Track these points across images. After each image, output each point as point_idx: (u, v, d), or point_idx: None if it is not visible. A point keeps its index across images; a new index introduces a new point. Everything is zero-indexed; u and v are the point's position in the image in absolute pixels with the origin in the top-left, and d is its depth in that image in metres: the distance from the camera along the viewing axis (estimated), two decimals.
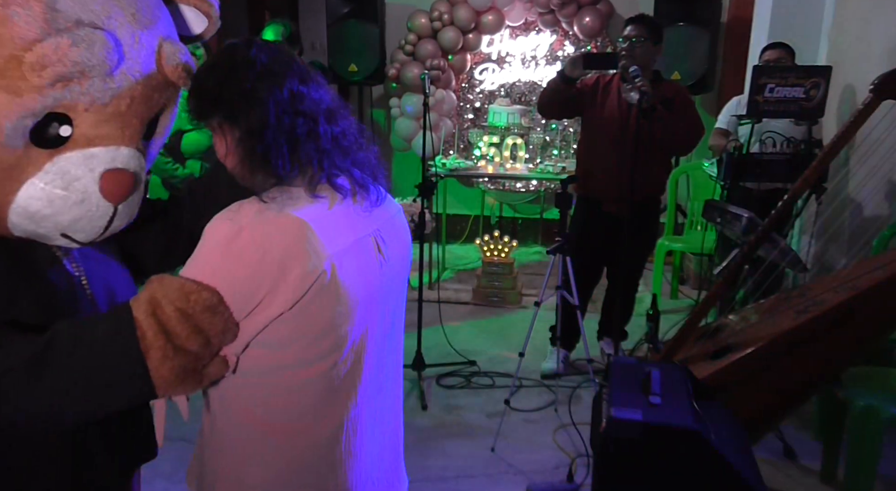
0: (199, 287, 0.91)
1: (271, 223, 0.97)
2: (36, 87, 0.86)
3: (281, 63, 1.02)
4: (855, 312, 2.03)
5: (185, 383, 0.93)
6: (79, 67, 0.87)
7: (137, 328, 0.89)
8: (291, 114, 0.99)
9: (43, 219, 0.93)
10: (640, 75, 2.73)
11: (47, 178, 0.91)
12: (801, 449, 2.66)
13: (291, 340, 1.01)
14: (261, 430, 1.06)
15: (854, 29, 3.42)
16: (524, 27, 5.27)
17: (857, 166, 2.79)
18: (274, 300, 0.96)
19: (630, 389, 1.61)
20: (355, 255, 1.05)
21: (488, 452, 2.71)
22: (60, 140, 0.92)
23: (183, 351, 0.90)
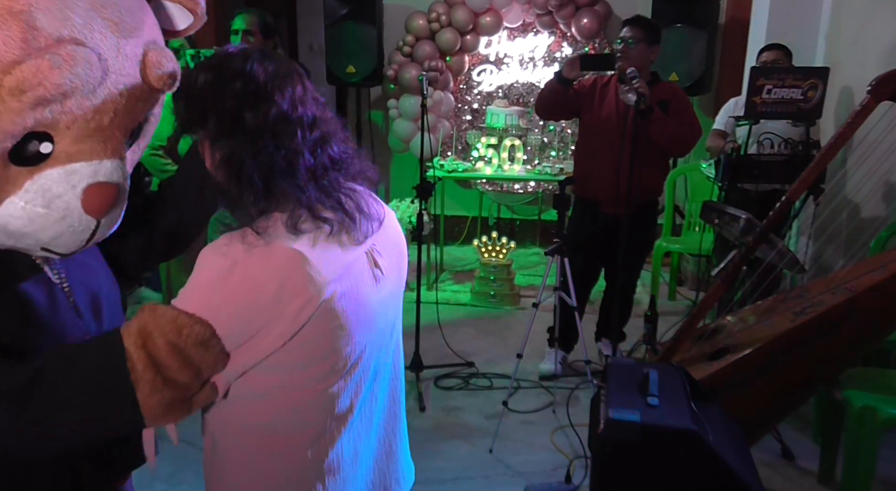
0: (192, 321, 0.90)
1: (265, 257, 0.94)
2: (13, 110, 0.82)
3: (276, 80, 0.98)
4: (853, 313, 2.03)
5: (174, 413, 0.92)
6: (60, 89, 0.83)
7: (128, 360, 0.87)
8: (272, 146, 0.96)
9: (23, 236, 0.91)
10: (637, 77, 2.74)
11: (27, 197, 0.88)
12: (798, 450, 2.66)
13: (291, 366, 1.00)
14: (258, 448, 1.05)
15: (851, 31, 3.42)
16: (522, 29, 5.27)
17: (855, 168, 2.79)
18: (271, 332, 0.95)
19: (628, 391, 1.61)
20: (353, 275, 1.03)
21: (486, 453, 2.71)
22: (41, 157, 0.88)
23: (173, 383, 0.89)
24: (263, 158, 0.95)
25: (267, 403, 1.03)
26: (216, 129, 0.97)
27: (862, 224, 3.06)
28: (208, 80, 0.98)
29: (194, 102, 0.98)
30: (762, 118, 2.94)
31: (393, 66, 5.12)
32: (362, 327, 1.05)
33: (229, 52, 1.00)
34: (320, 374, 1.02)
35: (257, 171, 0.95)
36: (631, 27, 3.04)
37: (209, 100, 0.97)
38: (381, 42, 5.20)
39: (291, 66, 1.02)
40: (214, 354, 0.92)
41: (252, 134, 0.95)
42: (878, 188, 2.94)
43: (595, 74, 3.36)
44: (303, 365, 1.01)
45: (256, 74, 0.96)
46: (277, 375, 1.00)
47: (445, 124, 5.30)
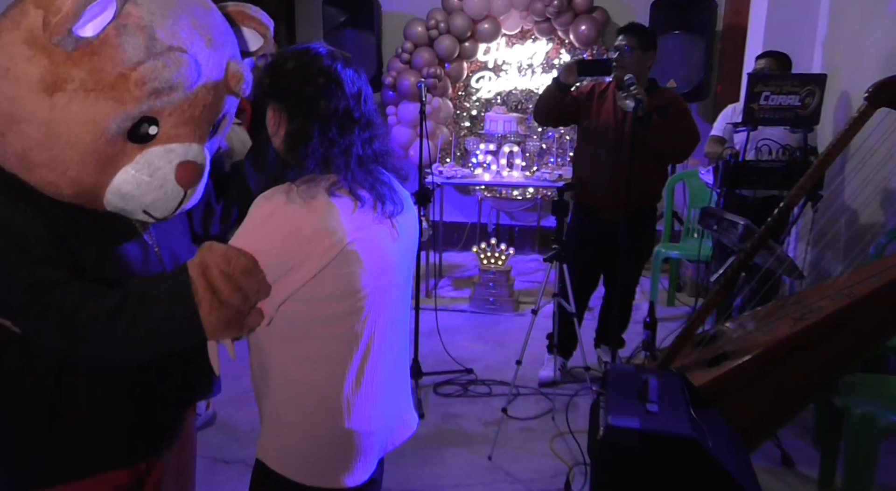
0: (239, 253, 1.14)
1: (303, 204, 1.17)
2: (136, 98, 1.11)
3: (348, 80, 1.23)
4: (852, 319, 2.03)
5: (229, 329, 1.16)
6: (169, 84, 1.12)
7: (191, 285, 1.12)
8: (337, 132, 1.21)
9: (131, 198, 1.19)
10: (634, 83, 2.74)
11: (137, 167, 1.17)
12: (798, 457, 2.66)
13: (319, 298, 1.22)
14: (294, 370, 1.27)
15: (848, 38, 3.44)
16: (520, 35, 5.29)
17: (853, 174, 2.80)
18: (303, 267, 1.18)
19: (627, 397, 1.61)
20: (375, 231, 1.25)
21: (485, 460, 2.70)
22: (148, 137, 1.17)
23: (226, 304, 1.13)
24: (327, 139, 1.20)
25: (300, 332, 1.25)
26: (293, 107, 1.21)
27: (860, 230, 3.06)
28: (298, 67, 1.22)
29: (280, 81, 1.22)
30: (760, 124, 2.94)
31: (391, 72, 5.13)
32: (381, 274, 1.27)
33: (321, 51, 1.24)
34: (342, 310, 1.24)
35: (320, 147, 1.20)
36: (625, 35, 3.06)
37: (295, 83, 1.21)
38: (379, 49, 5.22)
39: (363, 76, 1.29)
40: (258, 282, 1.15)
41: (322, 119, 1.20)
42: (875, 194, 2.95)
43: (593, 81, 3.36)
44: (327, 298, 1.22)
45: (338, 75, 1.22)
46: (307, 306, 1.22)
47: (444, 131, 5.31)
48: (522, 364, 2.87)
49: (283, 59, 1.24)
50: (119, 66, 1.09)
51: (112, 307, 1.11)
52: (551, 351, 3.32)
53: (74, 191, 1.17)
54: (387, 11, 5.33)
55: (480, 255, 4.32)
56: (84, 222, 1.20)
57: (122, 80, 1.09)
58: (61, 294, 1.11)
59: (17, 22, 1.08)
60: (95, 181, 1.16)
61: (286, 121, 1.23)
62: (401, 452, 1.40)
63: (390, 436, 1.39)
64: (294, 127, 1.22)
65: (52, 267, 1.13)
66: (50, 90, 1.08)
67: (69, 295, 1.11)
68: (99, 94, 1.09)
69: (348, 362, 1.27)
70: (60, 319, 1.10)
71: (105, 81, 1.09)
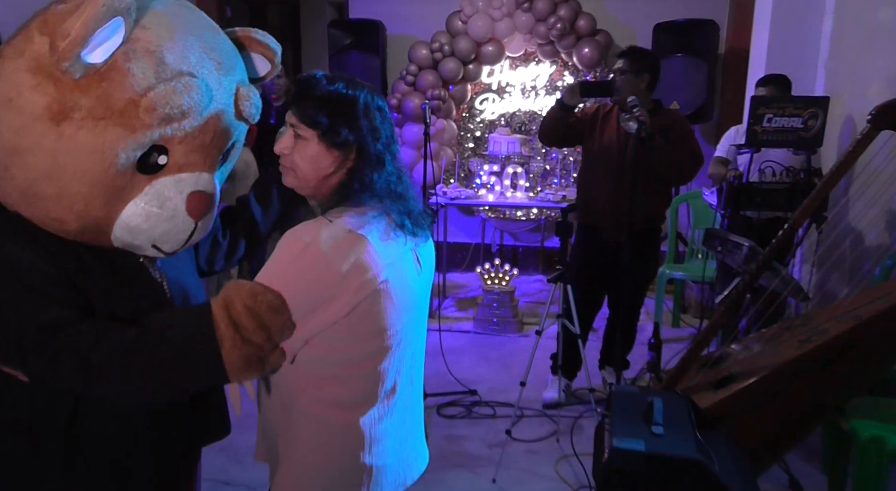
0: (266, 290, 1.09)
1: (335, 240, 1.14)
2: (146, 125, 1.06)
3: (388, 113, 1.26)
4: (858, 341, 2.02)
5: (251, 370, 1.10)
6: (180, 109, 1.07)
7: (214, 321, 1.07)
8: (384, 162, 1.22)
9: (140, 232, 1.14)
10: (637, 105, 2.76)
11: (146, 198, 1.12)
12: (806, 481, 2.62)
13: (347, 338, 1.18)
14: (317, 415, 1.23)
15: (851, 60, 3.46)
16: (524, 58, 5.34)
17: (857, 196, 2.80)
18: (332, 305, 1.14)
19: (632, 419, 1.60)
20: (403, 265, 1.24)
21: (490, 483, 2.67)
22: (158, 167, 1.12)
23: (249, 342, 1.07)
24: (372, 173, 1.21)
25: (326, 372, 1.22)
26: (360, 137, 1.20)
27: (865, 252, 3.05)
28: (357, 101, 1.20)
29: (339, 113, 1.19)
30: (763, 146, 2.95)
31: (396, 95, 5.18)
32: (407, 311, 1.25)
33: (366, 87, 1.24)
34: (371, 349, 1.21)
35: (372, 174, 1.21)
36: (621, 58, 3.09)
37: (355, 117, 1.19)
38: (384, 71, 5.27)
39: (391, 115, 1.30)
40: (283, 320, 1.10)
41: (374, 154, 1.21)
42: (880, 217, 2.94)
43: (598, 102, 3.38)
44: (357, 338, 1.19)
45: (382, 105, 1.24)
46: (336, 346, 1.19)
47: (448, 152, 5.34)
48: (527, 385, 2.85)
49: (338, 91, 1.20)
50: (129, 92, 1.05)
51: (129, 346, 1.06)
52: (555, 372, 3.31)
53: (81, 226, 1.12)
54: (391, 34, 5.39)
55: (484, 275, 4.31)
56: (90, 261, 1.15)
57: (131, 106, 1.05)
58: (75, 333, 1.06)
59: (20, 50, 1.04)
60: (103, 215, 1.12)
61: (338, 154, 1.20)
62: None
63: (408, 469, 1.37)
64: (364, 157, 1.20)
65: (64, 306, 1.08)
66: (57, 119, 1.03)
67: (83, 334, 1.06)
68: (108, 121, 1.05)
69: (373, 401, 1.25)
70: (76, 359, 1.05)
71: (114, 108, 1.05)
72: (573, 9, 4.86)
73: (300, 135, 1.21)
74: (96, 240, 1.15)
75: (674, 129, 3.03)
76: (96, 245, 1.16)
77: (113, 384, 1.07)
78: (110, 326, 1.09)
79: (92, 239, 1.15)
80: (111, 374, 1.06)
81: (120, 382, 1.07)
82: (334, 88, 1.20)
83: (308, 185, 1.24)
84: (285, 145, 1.23)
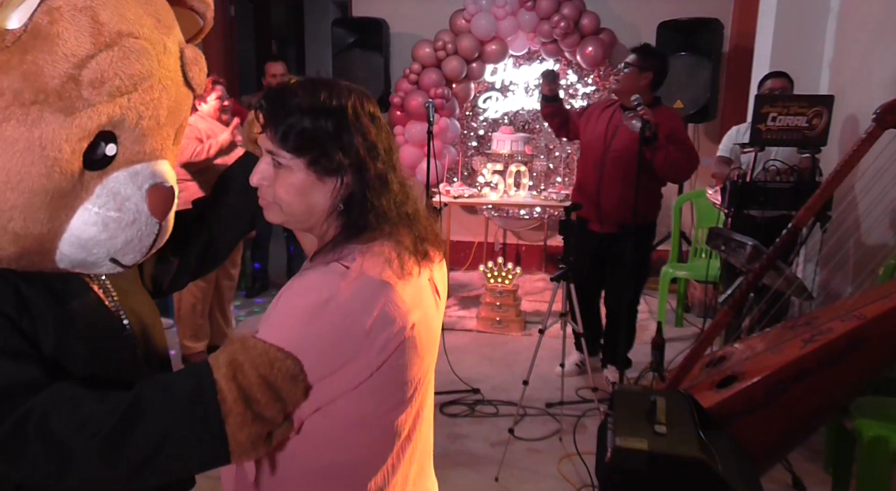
0: (284, 355, 0.88)
1: (359, 291, 0.94)
2: (91, 105, 0.84)
3: (383, 118, 1.05)
4: (862, 341, 2.01)
5: (257, 449, 0.89)
6: (131, 80, 0.86)
7: (219, 391, 0.85)
8: (388, 181, 1.01)
9: (96, 245, 0.91)
10: (640, 104, 2.81)
11: (100, 201, 0.90)
12: (810, 481, 2.62)
13: (366, 399, 0.98)
14: (319, 481, 1.02)
15: (855, 59, 3.45)
16: (527, 56, 5.33)
17: (862, 195, 2.79)
18: (353, 367, 0.94)
19: (635, 419, 1.60)
20: (425, 303, 1.04)
21: (492, 481, 2.67)
22: (107, 160, 0.90)
23: (261, 418, 0.86)
24: (380, 196, 1.00)
25: (335, 436, 1.00)
26: (357, 159, 0.98)
27: (870, 251, 3.04)
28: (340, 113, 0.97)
29: (319, 128, 0.96)
30: (767, 145, 2.94)
31: (399, 93, 5.18)
32: (429, 353, 1.06)
33: (361, 92, 1.02)
34: (390, 405, 1.01)
35: (372, 208, 0.99)
36: (632, 53, 3.20)
37: (341, 133, 0.97)
38: (387, 70, 5.27)
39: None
40: (302, 390, 0.90)
41: (379, 173, 1.00)
42: (885, 216, 2.93)
43: (604, 100, 3.50)
44: (375, 397, 0.99)
45: (375, 112, 1.03)
46: (350, 409, 0.98)
47: (451, 151, 5.34)
48: (529, 384, 2.85)
49: (323, 104, 0.97)
50: (63, 63, 0.81)
51: (113, 423, 0.82)
52: (579, 349, 3.53)
53: (18, 250, 0.87)
54: (395, 32, 5.39)
55: (487, 274, 4.31)
56: (30, 293, 0.90)
57: (70, 82, 0.82)
58: (39, 403, 0.81)
59: None
60: (46, 231, 0.88)
61: (332, 181, 0.99)
62: None
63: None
64: (361, 180, 0.99)
65: (18, 363, 0.84)
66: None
67: (50, 404, 0.82)
68: (42, 106, 0.82)
69: (386, 457, 1.04)
70: (43, 440, 0.81)
71: (48, 88, 0.82)
72: (577, 7, 4.85)
73: (281, 163, 0.98)
74: (35, 265, 0.91)
75: (664, 125, 3.10)
76: (35, 270, 0.91)
77: (90, 475, 0.83)
78: (82, 393, 0.85)
79: (30, 264, 0.90)
80: (90, 462, 0.82)
81: (99, 472, 0.83)
82: (317, 100, 0.97)
83: (298, 220, 1.02)
84: (263, 176, 1.00)
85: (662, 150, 2.99)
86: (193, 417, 0.84)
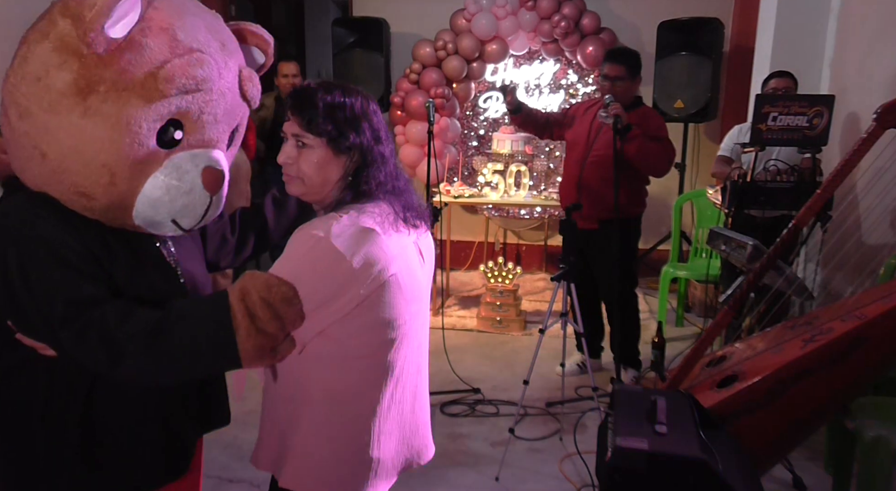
0: (280, 282, 1.13)
1: (346, 233, 1.19)
2: (165, 95, 1.13)
3: (380, 113, 1.35)
4: (863, 341, 2.01)
5: (262, 358, 1.15)
6: (194, 81, 1.15)
7: (230, 309, 1.12)
8: (386, 160, 1.31)
9: (161, 205, 1.19)
10: (613, 101, 3.06)
11: (166, 171, 1.18)
12: (811, 481, 2.62)
13: (358, 330, 1.24)
14: (326, 410, 1.28)
15: (856, 58, 3.45)
16: (528, 56, 5.33)
17: (862, 195, 2.79)
18: (342, 297, 1.19)
19: (636, 418, 1.60)
20: (408, 255, 1.30)
21: (493, 481, 2.67)
22: (174, 143, 1.19)
23: (263, 332, 1.12)
24: (376, 171, 1.29)
25: (333, 366, 1.26)
26: (365, 142, 1.28)
27: (870, 251, 3.04)
28: (356, 102, 1.29)
29: (342, 119, 1.26)
30: (768, 145, 2.94)
31: (400, 93, 5.18)
32: (414, 301, 1.31)
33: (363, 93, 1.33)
34: (380, 340, 1.26)
35: (378, 174, 1.29)
36: (616, 64, 3.29)
37: (358, 118, 1.28)
38: (388, 69, 5.27)
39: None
40: (296, 311, 1.15)
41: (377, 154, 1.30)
42: (885, 215, 2.93)
43: (588, 100, 3.59)
44: (366, 329, 1.24)
45: (376, 107, 1.34)
46: (345, 338, 1.24)
47: (452, 150, 5.34)
48: (530, 383, 2.85)
49: (339, 99, 1.27)
50: (147, 64, 1.12)
51: (152, 327, 1.11)
52: (580, 349, 3.54)
53: (107, 201, 1.17)
54: (395, 32, 5.38)
55: (488, 273, 4.31)
56: (113, 241, 1.21)
57: (150, 78, 1.12)
58: (102, 311, 1.11)
59: (45, 33, 1.11)
60: (127, 188, 1.17)
61: (344, 158, 1.27)
62: (407, 472, 1.40)
63: (415, 456, 1.43)
64: (367, 158, 1.28)
65: (93, 283, 1.14)
66: (83, 93, 1.10)
67: (110, 312, 1.11)
68: (130, 93, 1.11)
69: (381, 392, 1.30)
70: (101, 335, 1.10)
71: (135, 80, 1.11)
72: (577, 7, 4.85)
73: (305, 143, 1.27)
74: (119, 218, 1.20)
75: (642, 123, 3.19)
76: (119, 225, 1.22)
77: (134, 363, 1.10)
78: (135, 307, 1.13)
79: (116, 216, 1.20)
80: (134, 353, 1.09)
81: (141, 361, 1.10)
82: (334, 96, 1.27)
83: (315, 190, 1.30)
84: (288, 156, 1.29)
85: (635, 140, 3.11)
86: (213, 326, 1.12)
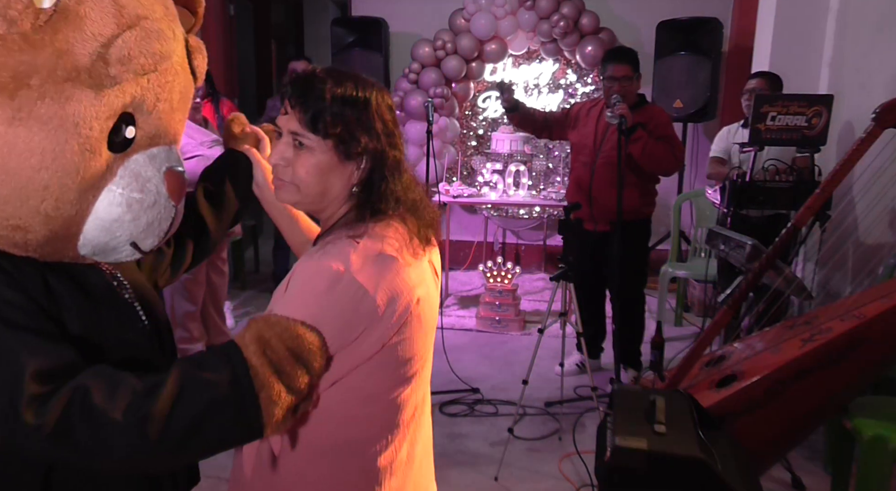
0: (308, 328, 0.91)
1: (369, 265, 0.99)
2: (118, 83, 0.87)
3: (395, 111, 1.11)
4: (862, 340, 2.01)
5: (286, 423, 0.89)
6: (153, 59, 0.89)
7: (250, 368, 0.85)
8: (402, 167, 1.09)
9: (120, 226, 0.93)
10: (619, 101, 3.01)
11: (123, 182, 0.92)
12: (809, 480, 2.62)
13: (376, 373, 1.03)
14: (330, 455, 1.07)
15: (854, 58, 3.45)
16: (527, 56, 5.33)
17: (861, 194, 2.79)
18: (367, 340, 0.99)
19: (635, 418, 1.60)
20: (427, 283, 1.10)
21: (492, 481, 2.67)
22: (127, 143, 0.92)
23: (292, 391, 0.87)
24: (391, 181, 1.07)
25: (346, 412, 1.04)
26: (377, 144, 1.05)
27: (869, 251, 3.04)
28: (368, 99, 1.04)
29: (347, 114, 1.02)
30: (766, 145, 2.95)
31: (399, 92, 5.18)
32: (431, 330, 1.12)
33: (377, 85, 1.09)
34: (396, 380, 1.06)
35: (388, 190, 1.06)
36: (616, 64, 3.26)
37: (371, 118, 1.04)
38: (387, 69, 5.27)
39: None
40: (325, 362, 0.93)
41: (393, 160, 1.07)
42: (884, 215, 2.93)
43: (590, 99, 3.56)
44: (384, 371, 1.04)
45: (393, 115, 1.10)
46: (361, 384, 1.02)
47: (451, 150, 5.34)
48: (529, 383, 2.85)
49: (351, 93, 1.03)
50: (91, 41, 0.84)
51: (156, 402, 0.82)
52: (580, 349, 3.51)
53: (46, 233, 0.89)
54: (394, 32, 5.38)
55: (487, 273, 4.31)
56: (53, 281, 0.92)
57: (100, 61, 0.85)
58: (84, 383, 0.81)
59: None
60: (74, 213, 0.89)
61: (353, 164, 1.05)
62: None
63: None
64: (360, 169, 1.05)
65: (57, 344, 0.85)
66: (10, 90, 0.81)
67: (95, 384, 0.81)
68: (75, 83, 0.84)
69: (393, 432, 1.09)
70: (90, 421, 0.80)
71: (80, 64, 0.84)
72: (576, 7, 4.85)
73: (305, 144, 1.03)
74: (60, 251, 0.93)
75: (650, 123, 3.17)
76: (57, 260, 0.94)
77: (132, 451, 0.81)
78: (123, 374, 0.85)
79: (56, 249, 0.92)
80: (131, 438, 0.81)
81: (140, 447, 0.81)
82: (345, 89, 1.03)
83: (312, 200, 1.07)
84: (282, 156, 1.05)
85: (641, 141, 3.09)
86: (229, 394, 0.84)
